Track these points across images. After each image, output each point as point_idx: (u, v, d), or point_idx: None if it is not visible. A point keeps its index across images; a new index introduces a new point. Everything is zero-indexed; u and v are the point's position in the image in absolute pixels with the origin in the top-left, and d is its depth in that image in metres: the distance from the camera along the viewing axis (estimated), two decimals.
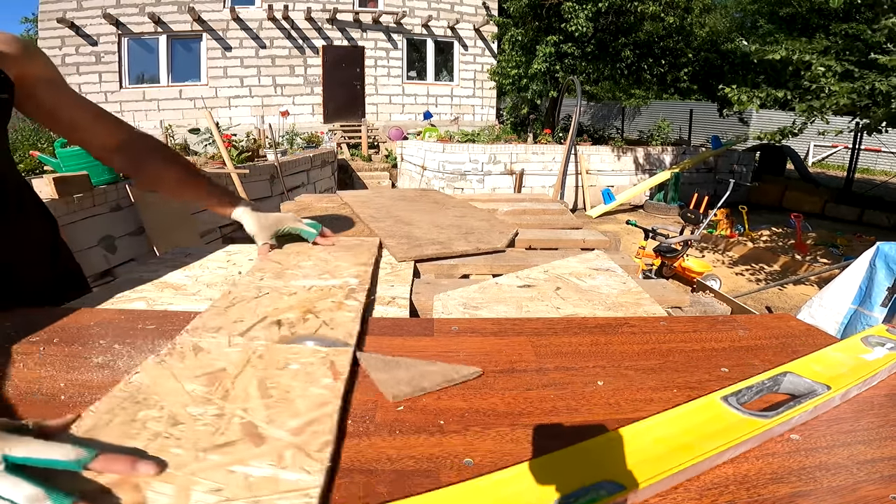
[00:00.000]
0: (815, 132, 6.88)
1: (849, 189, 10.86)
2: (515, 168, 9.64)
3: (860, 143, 10.87)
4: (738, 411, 0.54)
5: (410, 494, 0.43)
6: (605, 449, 0.48)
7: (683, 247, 5.12)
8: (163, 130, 8.47)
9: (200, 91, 11.84)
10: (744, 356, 0.71)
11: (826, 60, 5.72)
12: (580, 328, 0.80)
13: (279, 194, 6.65)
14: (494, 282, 1.08)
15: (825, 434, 0.54)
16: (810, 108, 5.76)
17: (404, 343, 0.74)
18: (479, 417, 0.56)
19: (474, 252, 1.27)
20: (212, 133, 5.79)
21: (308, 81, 12.63)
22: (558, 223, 1.71)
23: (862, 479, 0.46)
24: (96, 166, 4.18)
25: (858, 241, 6.88)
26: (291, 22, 12.14)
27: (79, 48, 11.00)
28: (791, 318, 0.87)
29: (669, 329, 0.80)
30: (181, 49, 11.83)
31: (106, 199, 4.26)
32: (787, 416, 0.53)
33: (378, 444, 0.51)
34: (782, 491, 0.45)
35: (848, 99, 5.42)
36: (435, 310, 0.94)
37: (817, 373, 0.62)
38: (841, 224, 8.90)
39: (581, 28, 9.97)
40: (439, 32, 13.57)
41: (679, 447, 0.48)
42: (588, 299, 0.97)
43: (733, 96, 6.44)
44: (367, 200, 1.88)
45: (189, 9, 11.14)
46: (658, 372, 0.66)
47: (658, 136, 11.69)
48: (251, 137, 7.72)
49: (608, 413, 0.57)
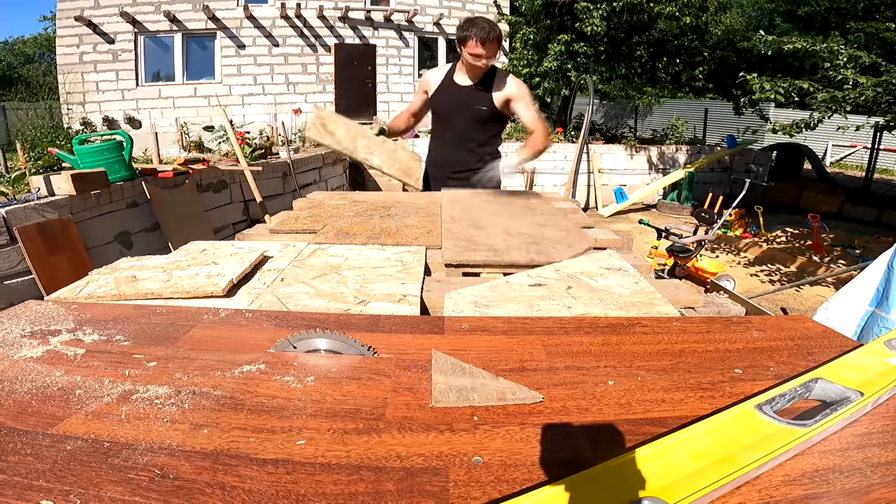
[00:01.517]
0: (833, 130, 6.74)
1: (867, 189, 10.66)
2: (527, 166, 9.59)
3: (879, 142, 10.66)
4: (775, 420, 0.52)
5: (418, 492, 0.43)
6: (643, 464, 0.47)
7: (697, 247, 5.07)
8: (178, 128, 8.55)
9: (215, 89, 11.94)
10: (758, 357, 0.71)
11: (853, 51, 5.59)
12: (591, 328, 0.79)
13: (291, 191, 6.70)
14: (505, 280, 1.08)
15: (839, 436, 0.53)
16: (833, 98, 5.61)
17: (414, 340, 0.74)
18: (488, 416, 0.56)
19: (526, 264, 1.21)
20: (226, 131, 5.84)
21: (320, 79, 12.68)
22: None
23: (876, 481, 0.46)
24: (113, 163, 4.24)
25: (876, 243, 6.75)
26: (304, 20, 12.18)
27: (96, 46, 11.15)
28: (807, 320, 0.86)
29: (682, 329, 0.79)
30: (196, 47, 11.94)
31: (122, 195, 4.32)
32: (825, 424, 0.52)
33: (388, 442, 0.51)
34: (795, 493, 0.44)
35: (873, 92, 5.29)
36: (446, 308, 0.94)
37: (847, 378, 0.60)
38: (859, 225, 8.74)
39: (595, 28, 9.89)
40: (451, 31, 13.52)
41: (719, 461, 0.46)
42: (600, 299, 0.96)
43: (755, 84, 6.27)
44: (457, 201, 1.89)
45: (203, 7, 11.23)
46: (670, 372, 0.66)
47: (672, 135, 11.57)
48: (264, 135, 7.78)
49: (619, 413, 0.57)
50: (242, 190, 5.91)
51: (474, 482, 0.46)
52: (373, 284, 1.03)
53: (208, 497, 0.43)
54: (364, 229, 1.47)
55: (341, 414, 0.56)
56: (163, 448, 0.50)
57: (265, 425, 0.54)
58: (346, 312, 0.89)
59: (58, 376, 0.63)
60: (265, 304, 0.94)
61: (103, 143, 4.37)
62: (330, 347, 0.72)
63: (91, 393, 0.60)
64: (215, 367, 0.66)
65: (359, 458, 0.48)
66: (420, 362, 0.68)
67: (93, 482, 0.44)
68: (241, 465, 0.47)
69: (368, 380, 0.63)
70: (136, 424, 0.53)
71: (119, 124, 11.01)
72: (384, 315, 0.86)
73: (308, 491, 0.44)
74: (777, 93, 6.17)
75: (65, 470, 0.46)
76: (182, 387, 0.61)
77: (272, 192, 6.33)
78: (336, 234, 1.42)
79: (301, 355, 0.70)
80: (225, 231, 5.56)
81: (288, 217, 1.65)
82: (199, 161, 5.54)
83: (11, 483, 0.44)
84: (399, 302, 0.93)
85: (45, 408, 0.56)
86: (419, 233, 1.43)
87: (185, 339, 0.75)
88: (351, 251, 1.26)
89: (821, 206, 9.56)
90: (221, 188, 5.67)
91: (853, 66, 5.54)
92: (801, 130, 6.24)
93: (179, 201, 4.84)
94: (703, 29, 11.64)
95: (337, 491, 0.44)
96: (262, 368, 0.66)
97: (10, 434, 0.51)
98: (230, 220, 5.75)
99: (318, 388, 0.62)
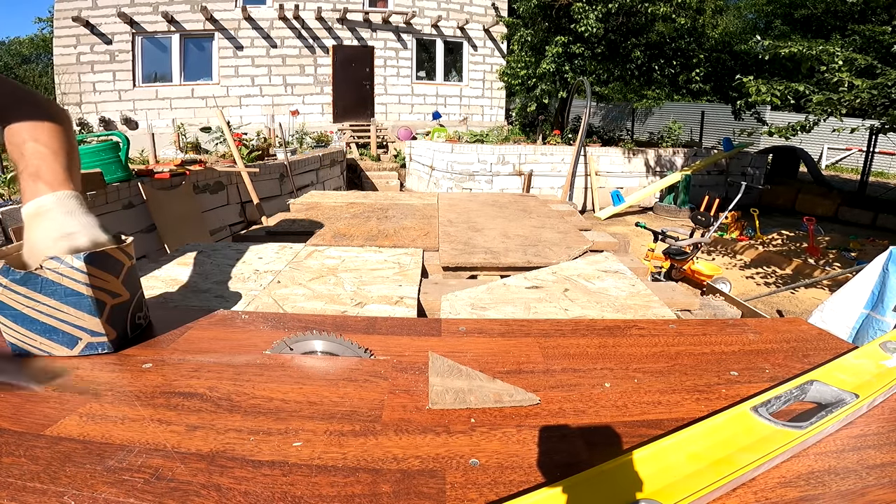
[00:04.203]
0: (829, 132, 6.76)
1: (863, 192, 10.71)
2: (524, 169, 9.61)
3: (875, 146, 10.72)
4: (771, 423, 0.52)
5: (415, 494, 0.43)
6: (640, 466, 0.47)
7: (693, 249, 5.08)
8: (175, 129, 8.53)
9: (212, 90, 11.93)
10: (754, 360, 0.71)
11: (849, 53, 5.61)
12: (588, 330, 0.79)
13: (288, 193, 6.69)
14: (502, 282, 1.08)
15: (835, 438, 0.53)
16: (829, 100, 5.63)
17: (411, 343, 0.74)
18: (485, 418, 0.56)
19: (524, 266, 1.22)
20: (223, 132, 5.83)
21: (318, 81, 12.68)
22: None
23: (871, 483, 0.46)
24: (109, 164, 4.22)
25: (872, 245, 6.78)
26: (302, 21, 12.19)
27: (93, 47, 11.12)
28: (802, 323, 0.86)
29: (678, 332, 0.80)
30: (193, 48, 11.92)
31: (119, 196, 4.31)
32: (820, 426, 0.52)
33: (384, 444, 0.51)
34: (791, 495, 0.44)
35: (868, 94, 5.31)
36: (443, 310, 0.94)
37: (842, 381, 0.61)
38: (854, 228, 8.78)
39: (591, 28, 9.92)
40: (449, 33, 13.56)
41: (716, 462, 0.46)
42: (596, 301, 0.97)
43: (751, 87, 6.30)
44: (455, 204, 1.91)
45: (202, 8, 11.22)
46: (666, 374, 0.66)
47: (669, 138, 11.60)
48: (261, 136, 7.78)
49: (616, 415, 0.57)
50: (239, 191, 5.90)
51: (471, 484, 0.46)
52: (370, 286, 1.03)
53: (204, 499, 0.43)
54: (361, 231, 1.47)
55: (338, 416, 0.56)
56: (158, 449, 0.49)
57: (261, 427, 0.54)
58: (342, 314, 0.89)
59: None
60: (262, 306, 0.93)
61: (99, 143, 4.36)
62: (326, 349, 0.72)
63: (86, 395, 0.59)
64: (211, 368, 0.66)
65: (355, 460, 0.48)
66: (417, 364, 0.68)
67: (87, 484, 0.44)
68: (237, 467, 0.47)
69: (365, 382, 0.63)
70: (130, 426, 0.53)
71: (116, 125, 10.98)
72: (381, 317, 0.86)
73: (304, 493, 0.44)
74: (773, 95, 6.19)
75: (59, 471, 0.46)
76: (178, 388, 0.61)
77: (269, 193, 6.32)
78: (333, 235, 1.42)
79: (298, 357, 0.70)
80: (221, 233, 5.55)
81: (285, 218, 1.64)
82: (195, 162, 5.53)
83: (5, 485, 0.44)
84: (396, 304, 0.93)
85: (39, 409, 0.56)
86: (416, 235, 1.43)
87: (181, 341, 0.75)
88: (348, 253, 1.26)
89: (816, 209, 9.60)
90: (218, 189, 5.66)
91: (849, 69, 5.56)
92: (797, 133, 6.27)
93: (176, 202, 4.83)
94: (700, 31, 11.69)
95: (333, 493, 0.44)
96: (258, 370, 0.66)
97: (4, 435, 0.51)
98: (227, 221, 5.74)
99: (315, 389, 0.61)
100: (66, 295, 0.67)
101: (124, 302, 0.73)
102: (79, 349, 0.69)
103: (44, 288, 0.67)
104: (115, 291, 0.72)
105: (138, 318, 0.77)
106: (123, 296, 0.73)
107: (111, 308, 0.71)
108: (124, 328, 0.73)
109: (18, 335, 0.68)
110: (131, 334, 0.75)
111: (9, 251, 0.72)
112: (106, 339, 0.70)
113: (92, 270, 0.68)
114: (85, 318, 0.68)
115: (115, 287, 0.72)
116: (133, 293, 0.76)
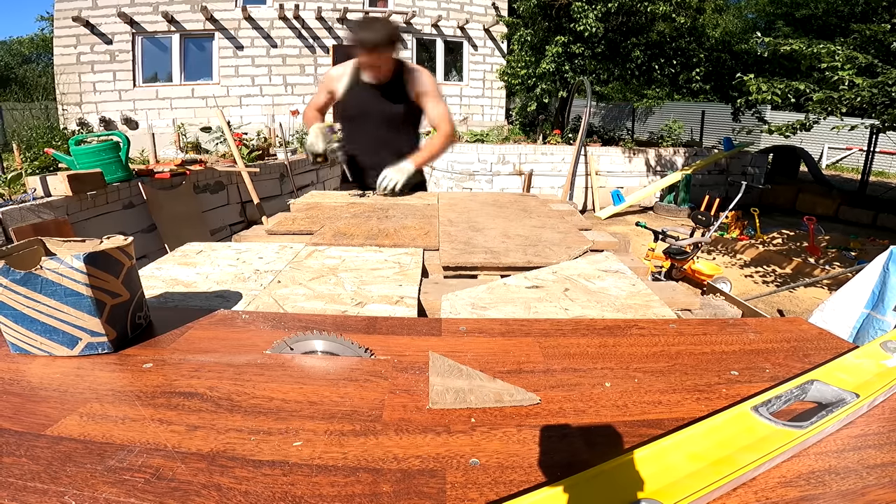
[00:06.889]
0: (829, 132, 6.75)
1: (863, 192, 10.71)
2: (524, 168, 9.61)
3: (875, 145, 10.71)
4: (771, 422, 0.52)
5: (415, 494, 0.43)
6: (640, 466, 0.47)
7: (693, 249, 5.08)
8: (175, 129, 8.54)
9: (212, 90, 11.92)
10: (754, 359, 0.71)
11: (850, 52, 5.59)
12: (588, 330, 0.79)
13: (289, 192, 6.69)
14: (503, 282, 1.08)
15: (835, 438, 0.53)
16: (829, 98, 5.62)
17: (411, 342, 0.74)
18: (485, 418, 0.56)
19: (524, 265, 1.20)
20: (223, 132, 5.83)
21: (318, 81, 12.68)
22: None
23: (871, 483, 0.46)
24: (110, 164, 4.23)
25: (872, 245, 6.78)
26: (302, 21, 12.18)
27: (93, 47, 11.12)
28: (803, 322, 0.86)
29: (679, 331, 0.80)
30: (194, 48, 11.91)
31: (119, 196, 4.31)
32: (821, 426, 0.52)
33: (385, 444, 0.51)
34: (791, 495, 0.44)
35: (868, 93, 5.30)
36: (443, 310, 0.94)
37: (843, 380, 0.61)
38: (855, 227, 8.77)
39: (590, 28, 9.91)
40: (449, 32, 13.55)
41: (716, 462, 0.46)
42: (597, 301, 0.97)
43: (752, 85, 6.30)
44: (455, 203, 1.90)
45: (202, 8, 11.22)
46: (667, 374, 0.66)
47: (669, 138, 11.60)
48: (262, 136, 7.77)
49: (616, 415, 0.57)
50: (239, 191, 5.90)
51: (471, 484, 0.46)
52: (370, 286, 1.03)
53: (204, 499, 0.43)
54: (362, 230, 1.47)
55: (338, 416, 0.56)
56: (158, 449, 0.49)
57: (262, 427, 0.54)
58: (343, 314, 0.89)
59: (53, 377, 0.63)
60: (262, 306, 0.93)
61: (100, 143, 4.36)
62: (327, 349, 0.72)
63: (86, 394, 0.59)
64: (212, 368, 0.66)
65: (356, 460, 0.48)
66: (417, 364, 0.68)
67: (88, 483, 0.44)
68: (238, 467, 0.47)
69: (365, 381, 0.63)
70: (131, 426, 0.53)
71: (116, 125, 10.98)
72: (381, 317, 0.86)
73: (305, 492, 0.44)
74: (774, 94, 6.18)
75: (60, 471, 0.46)
76: (178, 388, 0.61)
77: (269, 193, 6.32)
78: (333, 235, 1.42)
79: (298, 357, 0.70)
80: (222, 232, 5.55)
81: (285, 218, 1.64)
82: (196, 162, 5.53)
83: (6, 484, 0.44)
84: (396, 304, 0.93)
85: (40, 408, 0.56)
86: (417, 234, 1.43)
87: (181, 341, 0.75)
88: (348, 253, 1.26)
89: (817, 208, 9.60)
90: (218, 189, 5.66)
91: (850, 68, 5.55)
92: (797, 131, 6.26)
93: (176, 202, 4.83)
94: (700, 31, 11.68)
95: (334, 493, 0.44)
96: (258, 370, 0.66)
97: (5, 435, 0.51)
98: (227, 221, 5.75)
99: (315, 389, 0.61)
100: (66, 295, 0.67)
101: (124, 302, 0.73)
102: (79, 349, 0.69)
103: (44, 288, 0.67)
104: (115, 291, 0.72)
105: (138, 318, 0.77)
106: (123, 296, 0.73)
107: (111, 308, 0.71)
108: (124, 328, 0.73)
109: (18, 335, 0.68)
110: (131, 334, 0.75)
111: (9, 251, 0.72)
112: (106, 339, 0.70)
113: (92, 271, 0.68)
114: (85, 318, 0.68)
115: (115, 287, 0.72)
116: (133, 293, 0.76)
